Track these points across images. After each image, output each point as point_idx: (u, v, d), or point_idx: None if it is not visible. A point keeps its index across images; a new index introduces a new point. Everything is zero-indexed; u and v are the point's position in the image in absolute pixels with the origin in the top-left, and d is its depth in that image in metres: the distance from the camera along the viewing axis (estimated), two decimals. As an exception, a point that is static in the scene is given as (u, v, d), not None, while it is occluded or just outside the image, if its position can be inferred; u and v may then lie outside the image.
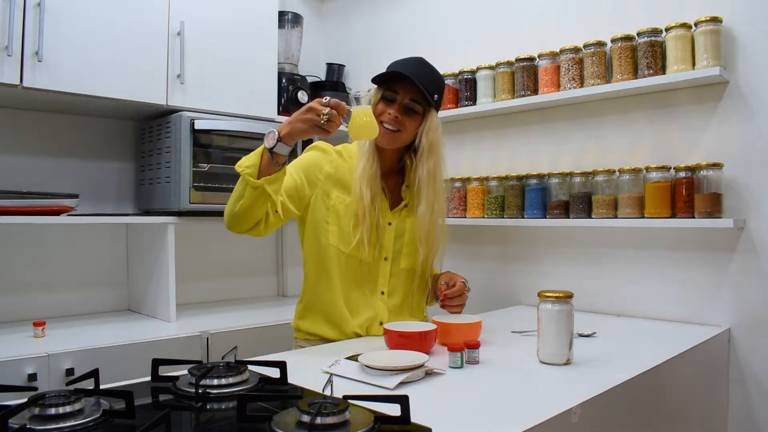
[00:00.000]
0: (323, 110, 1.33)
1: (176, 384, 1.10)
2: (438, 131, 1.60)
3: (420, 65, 1.59)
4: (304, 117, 1.35)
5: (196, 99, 2.19)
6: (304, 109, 1.36)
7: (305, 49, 2.89)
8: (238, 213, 1.41)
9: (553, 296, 1.28)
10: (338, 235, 1.57)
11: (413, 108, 1.56)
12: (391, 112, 1.54)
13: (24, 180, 2.08)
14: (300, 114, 1.36)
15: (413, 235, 1.63)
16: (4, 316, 2.06)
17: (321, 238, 1.59)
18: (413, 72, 1.53)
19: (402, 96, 1.55)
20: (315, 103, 1.36)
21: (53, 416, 0.87)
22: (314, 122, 1.34)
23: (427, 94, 1.54)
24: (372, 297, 1.62)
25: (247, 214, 1.41)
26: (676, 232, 1.93)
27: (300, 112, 1.37)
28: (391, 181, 1.66)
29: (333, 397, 0.94)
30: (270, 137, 1.36)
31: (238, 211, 1.41)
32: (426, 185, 1.58)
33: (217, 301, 2.60)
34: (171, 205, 2.15)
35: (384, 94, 1.57)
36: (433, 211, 1.60)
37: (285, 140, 1.36)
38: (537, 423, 0.94)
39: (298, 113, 1.37)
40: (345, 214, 1.57)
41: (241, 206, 1.40)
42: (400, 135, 1.57)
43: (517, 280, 2.35)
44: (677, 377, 1.46)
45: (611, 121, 2.09)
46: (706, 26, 1.77)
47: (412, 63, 1.59)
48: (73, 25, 1.89)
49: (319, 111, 1.34)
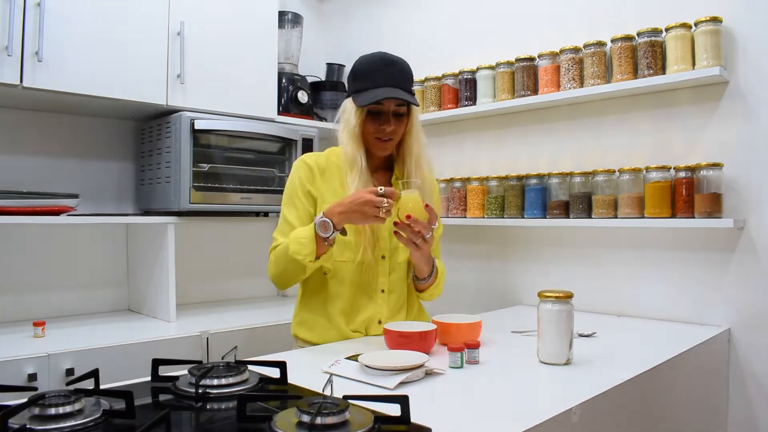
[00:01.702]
0: (382, 203, 1.37)
1: (176, 384, 1.10)
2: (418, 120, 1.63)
3: (390, 65, 1.54)
4: (362, 210, 1.38)
5: (196, 99, 2.19)
6: (362, 200, 1.38)
7: (305, 49, 2.89)
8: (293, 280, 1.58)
9: (553, 296, 1.28)
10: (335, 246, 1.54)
11: (400, 112, 1.57)
12: (384, 127, 1.53)
13: (24, 180, 2.08)
14: (356, 205, 1.38)
15: None
16: (4, 316, 2.06)
17: None
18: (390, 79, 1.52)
19: (387, 107, 1.54)
20: (372, 196, 1.38)
21: (53, 416, 0.87)
22: (372, 215, 1.38)
23: (409, 96, 1.53)
24: (372, 297, 1.61)
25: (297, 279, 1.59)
26: (676, 232, 1.93)
27: (357, 202, 1.39)
28: (380, 177, 1.66)
29: (333, 397, 0.94)
30: (324, 227, 1.41)
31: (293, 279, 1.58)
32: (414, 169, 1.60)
33: (217, 301, 2.60)
34: (171, 205, 2.15)
35: (370, 110, 1.53)
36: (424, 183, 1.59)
37: (338, 227, 1.42)
38: (537, 423, 0.94)
39: (352, 203, 1.39)
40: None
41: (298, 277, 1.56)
42: (394, 142, 1.59)
43: (517, 280, 2.35)
44: (677, 377, 1.46)
45: (611, 121, 2.09)
46: (706, 26, 1.77)
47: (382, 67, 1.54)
48: (73, 25, 1.89)
49: (378, 203, 1.37)
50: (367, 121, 1.55)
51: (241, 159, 2.31)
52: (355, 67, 1.59)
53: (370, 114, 1.55)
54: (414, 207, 1.43)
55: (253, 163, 2.36)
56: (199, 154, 2.17)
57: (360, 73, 1.56)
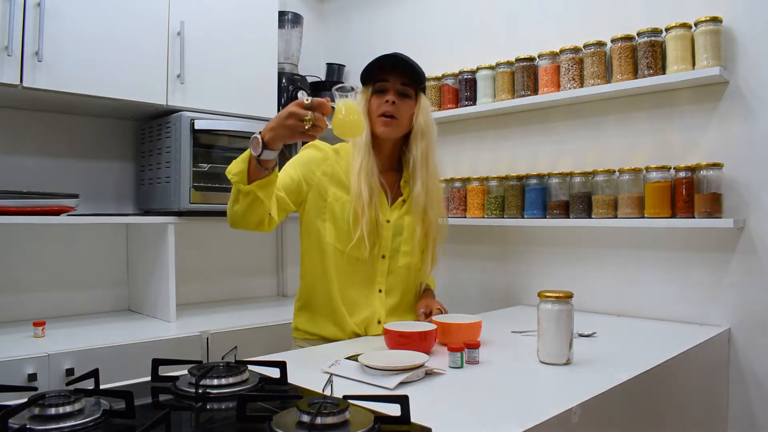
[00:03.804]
0: (305, 115, 1.25)
1: (176, 384, 1.10)
2: (429, 113, 1.65)
3: (400, 56, 1.60)
4: (286, 123, 1.27)
5: (196, 99, 2.19)
6: (285, 113, 1.27)
7: (305, 49, 2.89)
8: (237, 216, 1.41)
9: (553, 296, 1.28)
10: (335, 233, 1.58)
11: (406, 92, 1.59)
12: (388, 98, 1.56)
13: (24, 180, 2.08)
14: (282, 119, 1.27)
15: (411, 232, 1.63)
16: (4, 316, 2.06)
17: (318, 236, 1.60)
18: (396, 59, 1.57)
19: (393, 83, 1.58)
20: (296, 107, 1.26)
21: (53, 416, 0.87)
22: (297, 128, 1.26)
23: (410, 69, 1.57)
24: (369, 295, 1.62)
25: (246, 218, 1.41)
26: (676, 232, 1.93)
27: (282, 116, 1.28)
28: (389, 177, 1.66)
29: (333, 397, 0.94)
30: (255, 144, 1.30)
31: (237, 215, 1.41)
32: (420, 165, 1.61)
33: (217, 301, 2.60)
34: (171, 205, 2.15)
35: (375, 87, 1.59)
36: (428, 190, 1.61)
37: (270, 146, 1.30)
38: (537, 423, 0.93)
39: (280, 118, 1.28)
40: (342, 212, 1.57)
41: (238, 210, 1.39)
42: (398, 123, 1.58)
43: (517, 280, 2.35)
44: (677, 377, 1.46)
45: (611, 121, 2.09)
46: (706, 26, 1.77)
47: (390, 55, 1.60)
48: (73, 25, 1.89)
49: (302, 116, 1.25)
50: (373, 98, 1.59)
51: (241, 159, 2.31)
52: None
53: (376, 92, 1.59)
54: (351, 120, 1.30)
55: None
56: (199, 154, 2.17)
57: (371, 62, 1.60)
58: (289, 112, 1.27)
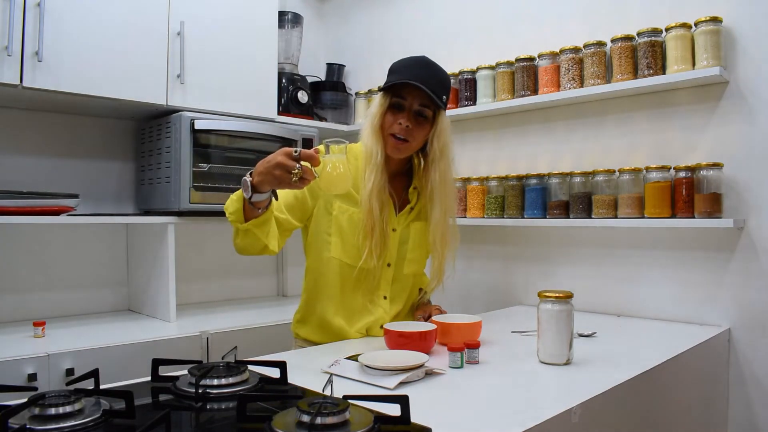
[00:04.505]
0: (293, 167, 1.24)
1: (176, 384, 1.10)
2: (448, 132, 1.57)
3: (425, 67, 1.53)
4: (273, 173, 1.25)
5: (196, 99, 2.19)
6: (274, 162, 1.25)
7: (305, 49, 2.89)
8: (240, 248, 1.47)
9: (553, 296, 1.28)
10: (341, 247, 1.54)
11: (423, 113, 1.50)
12: (401, 122, 1.48)
13: (24, 180, 2.08)
14: (270, 167, 1.26)
15: (417, 240, 1.62)
16: (4, 316, 2.06)
17: (323, 250, 1.56)
18: (419, 76, 1.47)
19: (410, 102, 1.49)
20: (284, 157, 1.25)
21: (53, 416, 0.87)
22: (284, 179, 1.25)
23: (435, 97, 1.48)
24: (373, 302, 1.60)
25: (248, 250, 1.46)
26: (676, 232, 1.93)
27: (270, 165, 1.26)
28: (397, 183, 1.62)
29: (333, 397, 0.94)
30: (245, 187, 1.30)
31: (239, 247, 1.47)
32: (439, 189, 1.56)
33: (217, 301, 2.60)
34: (171, 205, 2.14)
35: (391, 102, 1.50)
36: (446, 214, 1.58)
37: (259, 189, 1.30)
38: (537, 423, 0.94)
39: (268, 165, 1.26)
40: (348, 225, 1.53)
41: (239, 243, 1.45)
42: (409, 146, 1.52)
43: (517, 280, 2.35)
44: (677, 377, 1.46)
45: (611, 121, 2.09)
46: (706, 26, 1.77)
47: (416, 65, 1.52)
48: (73, 25, 1.89)
49: (289, 168, 1.24)
50: (388, 113, 1.51)
51: (241, 159, 2.31)
52: (393, 64, 1.57)
53: (392, 107, 1.50)
54: (338, 175, 1.28)
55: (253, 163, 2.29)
56: (199, 154, 2.17)
57: (394, 68, 1.55)
58: (276, 162, 1.25)
